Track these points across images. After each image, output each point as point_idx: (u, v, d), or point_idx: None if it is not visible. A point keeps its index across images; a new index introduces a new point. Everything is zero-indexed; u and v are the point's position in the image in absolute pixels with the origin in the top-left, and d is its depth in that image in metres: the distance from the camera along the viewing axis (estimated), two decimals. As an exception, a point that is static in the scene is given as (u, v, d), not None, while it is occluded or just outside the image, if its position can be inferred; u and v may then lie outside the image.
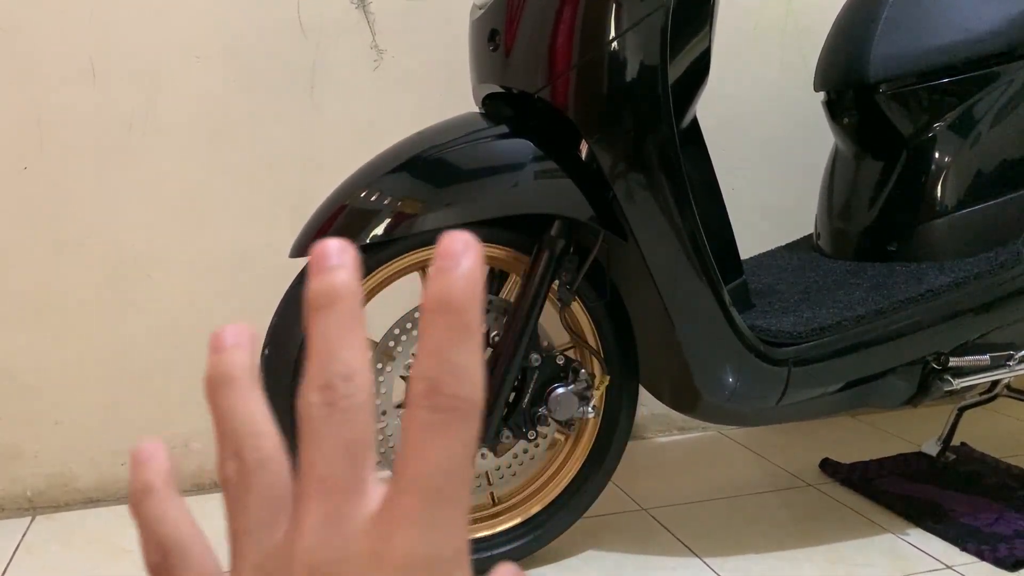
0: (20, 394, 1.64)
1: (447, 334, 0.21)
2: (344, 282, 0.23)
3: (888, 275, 1.45)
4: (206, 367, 0.24)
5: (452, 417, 0.21)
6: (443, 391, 0.21)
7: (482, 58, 1.34)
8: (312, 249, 0.23)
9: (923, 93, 1.49)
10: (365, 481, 0.22)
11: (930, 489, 1.63)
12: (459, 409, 0.21)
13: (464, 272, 0.21)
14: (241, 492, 0.23)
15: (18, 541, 1.54)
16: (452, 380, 0.21)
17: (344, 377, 0.22)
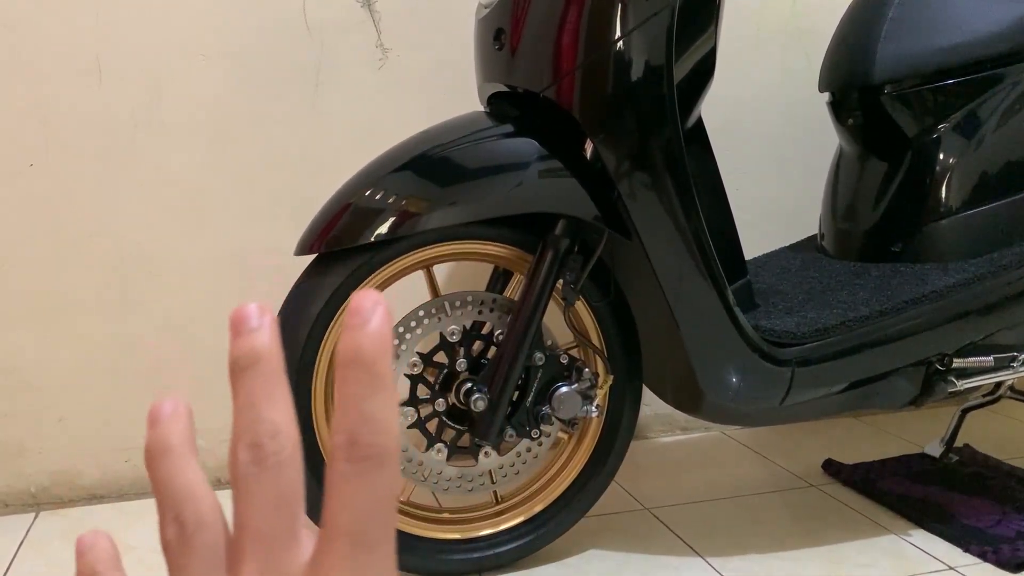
0: (24, 391, 1.65)
1: (360, 387, 0.22)
2: (264, 343, 0.24)
3: (892, 276, 1.45)
4: (145, 439, 0.26)
5: (370, 465, 0.22)
6: (360, 441, 0.22)
7: (487, 57, 1.34)
8: (231, 314, 0.25)
9: (928, 94, 1.49)
10: (297, 532, 0.23)
11: (933, 490, 1.63)
12: (375, 457, 0.22)
13: (373, 328, 0.23)
14: (182, 553, 0.24)
15: (22, 537, 1.55)
16: (367, 431, 0.22)
17: (270, 435, 0.23)
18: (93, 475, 1.70)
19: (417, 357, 1.30)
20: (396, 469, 0.23)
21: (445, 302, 1.30)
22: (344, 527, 0.22)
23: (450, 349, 1.32)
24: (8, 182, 1.59)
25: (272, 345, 0.24)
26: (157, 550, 1.47)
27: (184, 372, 1.71)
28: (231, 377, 0.24)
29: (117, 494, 1.70)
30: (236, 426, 0.24)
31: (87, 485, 1.69)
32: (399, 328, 1.29)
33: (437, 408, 1.32)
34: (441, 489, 1.35)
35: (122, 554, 1.46)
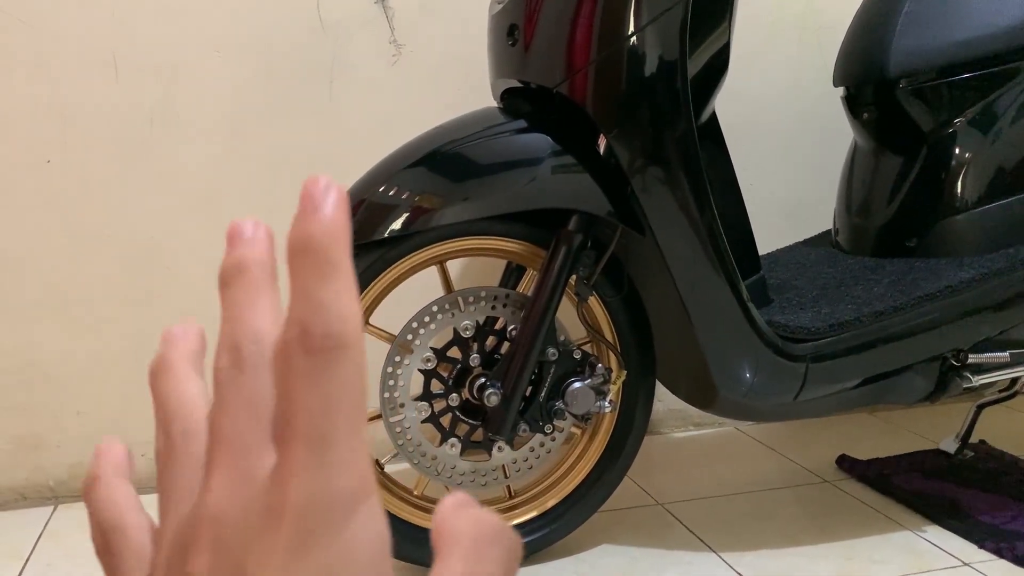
0: (42, 384, 1.66)
1: (313, 274, 0.21)
2: (252, 254, 0.23)
3: (907, 271, 1.44)
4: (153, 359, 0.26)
5: (326, 359, 0.20)
6: (312, 332, 0.20)
7: (501, 53, 1.35)
8: (228, 228, 0.24)
9: (944, 88, 1.48)
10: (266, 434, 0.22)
11: (948, 486, 1.62)
12: (331, 350, 0.20)
13: (326, 212, 0.21)
14: (167, 464, 0.24)
15: (41, 529, 1.56)
16: (321, 320, 0.20)
17: (252, 339, 0.22)
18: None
19: (431, 352, 1.30)
20: (357, 362, 0.21)
21: (459, 298, 1.30)
22: (301, 427, 0.20)
23: (464, 344, 1.32)
24: (26, 178, 1.61)
25: (260, 256, 0.23)
26: (173, 543, 1.48)
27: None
28: (220, 292, 0.23)
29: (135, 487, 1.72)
30: (220, 337, 0.23)
31: (104, 478, 1.71)
32: (412, 323, 1.29)
33: (451, 403, 1.33)
34: (455, 483, 1.35)
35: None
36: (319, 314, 0.20)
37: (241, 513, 0.21)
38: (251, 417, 0.22)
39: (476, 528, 0.22)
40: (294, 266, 0.21)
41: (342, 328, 0.20)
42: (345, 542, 0.20)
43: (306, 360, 0.20)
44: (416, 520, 1.35)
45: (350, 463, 0.20)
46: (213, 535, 0.21)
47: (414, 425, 1.31)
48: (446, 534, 0.22)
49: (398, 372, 1.29)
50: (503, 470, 1.37)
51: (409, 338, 1.29)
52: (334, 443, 0.20)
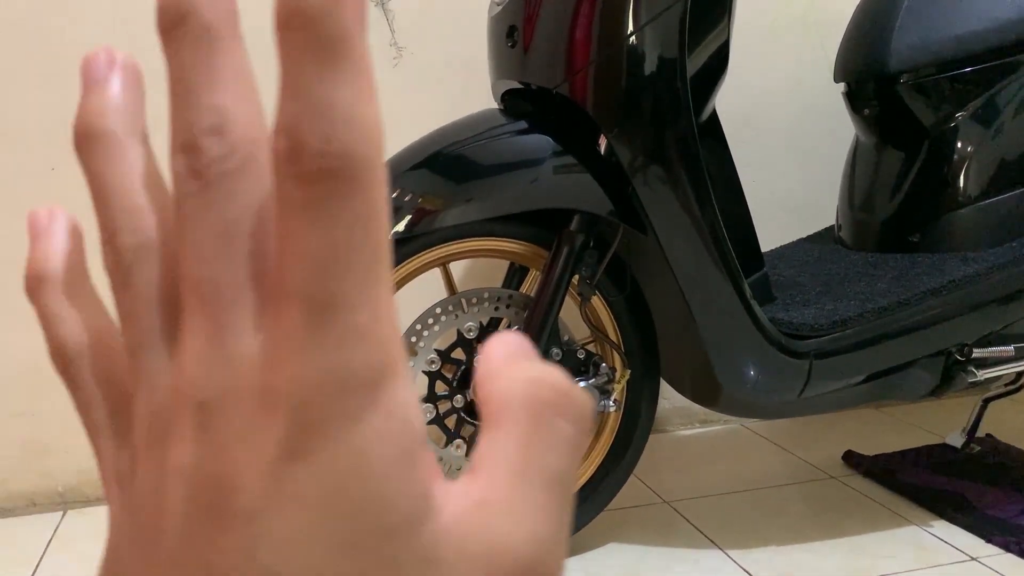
0: (50, 391, 1.67)
1: (309, 58, 0.14)
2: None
3: (910, 266, 1.44)
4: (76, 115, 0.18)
5: (329, 188, 0.15)
6: (308, 148, 0.14)
7: (500, 54, 1.35)
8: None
9: (945, 83, 1.48)
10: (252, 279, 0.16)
11: (955, 481, 1.62)
12: (336, 173, 0.15)
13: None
14: (124, 293, 0.18)
15: (51, 535, 1.57)
16: (320, 129, 0.14)
17: (212, 128, 0.16)
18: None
19: (435, 354, 1.30)
20: (373, 188, 0.15)
21: (462, 299, 1.31)
22: (296, 288, 0.15)
23: (468, 346, 1.33)
24: (32, 185, 1.62)
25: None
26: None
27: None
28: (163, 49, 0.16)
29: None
30: (171, 123, 0.16)
31: (113, 483, 1.72)
32: (416, 325, 1.30)
33: (455, 404, 1.33)
34: (461, 484, 1.36)
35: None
36: (319, 119, 0.14)
37: (227, 394, 0.16)
38: (228, 255, 0.16)
39: (536, 393, 0.17)
40: (283, 46, 0.15)
41: (352, 140, 0.15)
42: (359, 440, 0.15)
43: (300, 189, 0.15)
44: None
45: (366, 332, 0.15)
46: (193, 422, 0.16)
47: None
48: (496, 398, 0.17)
49: (403, 374, 1.30)
50: (509, 470, 1.37)
51: (413, 340, 1.30)
52: (343, 305, 0.15)
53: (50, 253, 0.20)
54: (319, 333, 0.15)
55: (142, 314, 0.18)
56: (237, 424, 0.15)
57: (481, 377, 0.18)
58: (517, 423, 0.17)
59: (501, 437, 0.17)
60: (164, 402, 0.17)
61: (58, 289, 0.20)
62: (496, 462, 0.17)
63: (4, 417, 1.66)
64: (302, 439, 0.15)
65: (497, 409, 0.17)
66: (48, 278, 0.20)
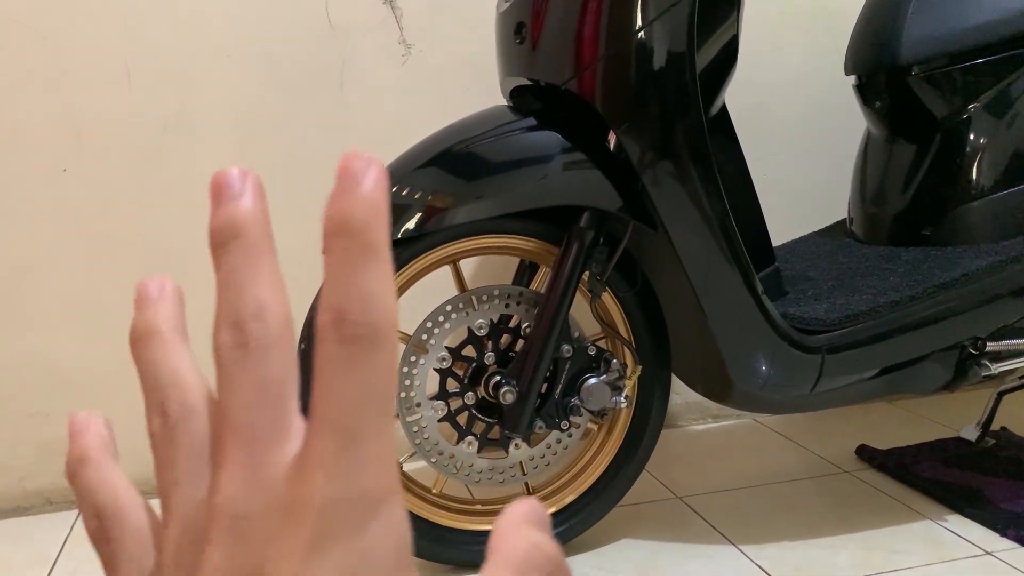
0: (65, 390, 1.69)
1: (349, 258, 0.20)
2: (247, 211, 0.21)
3: (923, 260, 1.43)
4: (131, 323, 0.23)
5: (361, 348, 0.19)
6: (348, 319, 0.19)
7: (509, 51, 1.35)
8: (211, 179, 0.22)
9: (957, 74, 1.47)
10: (285, 424, 0.21)
11: (969, 475, 1.61)
12: (366, 338, 0.19)
13: (366, 191, 0.20)
14: (166, 446, 0.22)
15: (67, 533, 1.58)
16: (358, 307, 0.19)
17: (254, 314, 0.21)
18: (133, 474, 1.72)
19: (446, 351, 1.31)
20: (391, 352, 0.20)
21: (472, 296, 1.31)
22: (329, 419, 0.19)
23: (478, 343, 1.33)
24: (43, 187, 1.63)
25: (256, 213, 0.21)
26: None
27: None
28: (212, 255, 0.21)
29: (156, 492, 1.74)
30: (218, 308, 0.21)
31: (128, 482, 1.73)
32: (427, 323, 1.30)
33: (467, 401, 1.33)
34: (473, 481, 1.36)
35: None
36: (357, 301, 0.19)
37: (258, 507, 0.20)
38: (263, 403, 0.21)
39: (531, 553, 0.21)
40: (330, 247, 0.20)
41: (380, 318, 0.20)
42: (367, 543, 0.19)
43: (340, 348, 0.19)
44: (435, 518, 1.36)
45: (377, 460, 0.20)
46: (228, 530, 0.20)
47: (431, 424, 1.32)
48: (502, 547, 0.21)
49: (414, 372, 1.30)
50: (520, 467, 1.38)
51: (424, 338, 1.30)
52: (363, 437, 0.19)
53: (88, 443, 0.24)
54: (346, 456, 0.19)
55: (181, 459, 0.22)
56: (269, 530, 0.20)
57: (496, 530, 0.22)
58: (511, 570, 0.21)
59: None
60: (197, 520, 0.21)
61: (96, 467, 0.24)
62: None
63: (21, 417, 1.67)
64: (324, 539, 0.19)
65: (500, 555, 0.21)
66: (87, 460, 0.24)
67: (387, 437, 0.20)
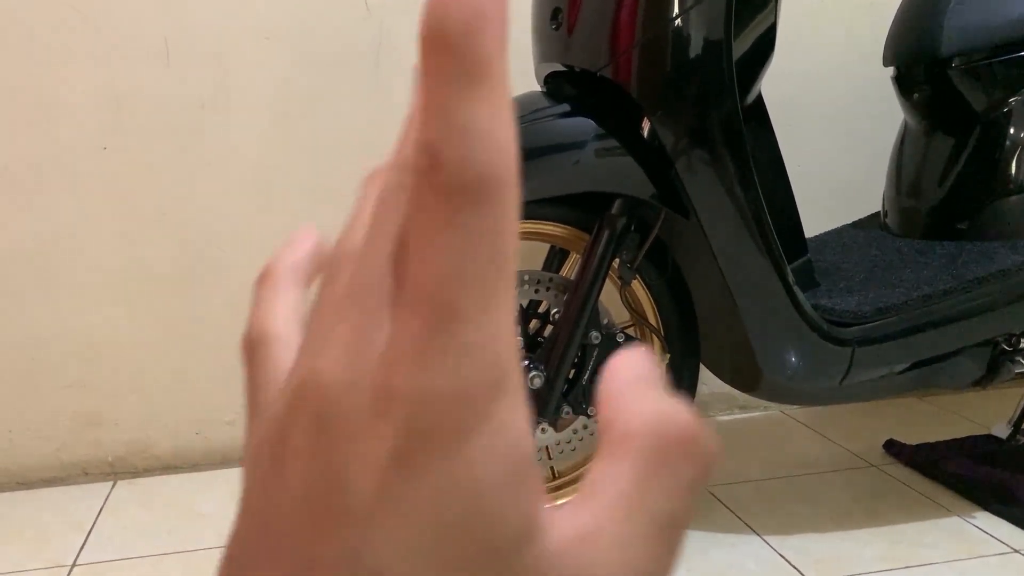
0: (101, 363, 1.72)
1: (451, 81, 0.15)
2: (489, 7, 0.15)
3: (958, 254, 1.42)
4: None
5: (463, 201, 0.15)
6: (448, 163, 0.15)
7: (544, 36, 1.35)
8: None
9: (997, 67, 1.45)
10: None
11: (999, 472, 1.60)
12: (473, 189, 0.15)
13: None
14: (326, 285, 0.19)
15: (102, 503, 1.62)
16: (461, 147, 0.15)
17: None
18: (166, 446, 1.76)
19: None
20: (507, 210, 0.15)
21: (503, 280, 1.31)
22: (421, 288, 0.15)
23: (508, 327, 1.34)
24: (84, 164, 1.66)
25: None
26: (229, 518, 1.53)
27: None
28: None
29: (190, 464, 1.77)
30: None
31: (161, 455, 1.76)
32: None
33: (495, 385, 1.34)
34: (499, 464, 1.37)
35: (195, 522, 1.52)
36: (459, 139, 0.15)
37: (350, 390, 0.16)
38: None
39: (663, 430, 0.17)
40: (426, 66, 0.15)
41: (489, 160, 0.15)
42: (468, 455, 0.15)
43: (437, 201, 0.15)
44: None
45: (485, 345, 0.15)
46: (315, 411, 0.16)
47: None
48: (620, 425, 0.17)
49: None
50: (547, 451, 1.39)
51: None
52: (466, 316, 0.15)
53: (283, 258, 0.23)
54: (440, 342, 0.15)
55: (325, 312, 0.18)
56: (353, 423, 0.16)
57: (605, 396, 0.17)
58: (638, 458, 0.17)
59: (618, 468, 0.17)
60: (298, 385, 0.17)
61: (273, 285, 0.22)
62: (609, 494, 0.16)
63: (57, 388, 1.71)
64: (413, 449, 0.15)
65: (619, 438, 0.17)
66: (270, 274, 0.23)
67: (498, 319, 0.15)
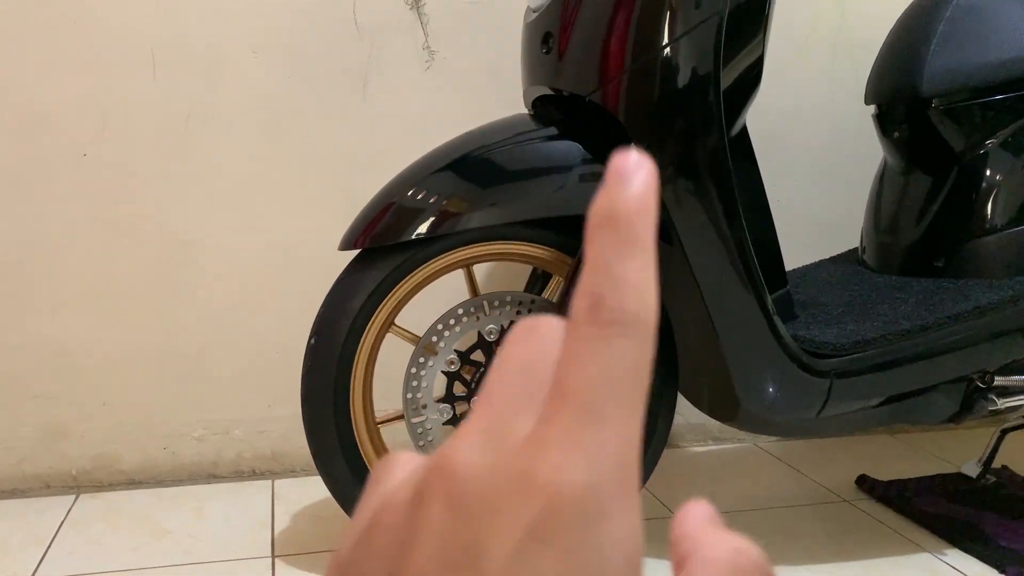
0: (70, 373, 1.69)
1: (614, 247, 0.19)
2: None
3: (935, 291, 1.44)
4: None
5: (615, 332, 0.19)
6: (607, 304, 0.19)
7: (534, 60, 1.36)
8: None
9: (976, 109, 1.48)
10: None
11: (969, 511, 1.61)
12: (621, 323, 0.19)
13: (635, 186, 0.20)
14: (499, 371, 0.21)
15: (63, 518, 1.58)
16: (618, 294, 0.19)
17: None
18: (133, 460, 1.73)
19: (455, 355, 1.31)
20: (646, 344, 0.19)
21: (484, 301, 1.31)
22: (572, 392, 0.18)
23: (488, 348, 1.33)
24: (62, 170, 1.63)
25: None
26: (194, 535, 1.50)
27: (226, 362, 1.74)
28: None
29: (156, 480, 1.74)
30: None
31: (127, 470, 1.73)
32: (438, 326, 1.30)
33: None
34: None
35: (160, 538, 1.49)
36: (616, 287, 0.19)
37: (488, 473, 0.18)
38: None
39: (737, 560, 0.20)
40: (595, 237, 0.20)
41: (638, 305, 0.19)
42: (596, 540, 0.17)
43: (592, 330, 0.19)
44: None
45: (617, 448, 0.18)
46: (448, 489, 0.18)
47: (436, 427, 1.32)
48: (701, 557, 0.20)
49: (422, 373, 1.30)
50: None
51: (434, 340, 1.30)
52: (605, 420, 0.18)
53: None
54: (581, 438, 0.18)
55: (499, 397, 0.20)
56: (492, 499, 0.18)
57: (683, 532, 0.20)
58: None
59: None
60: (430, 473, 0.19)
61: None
62: None
63: (23, 399, 1.67)
64: (552, 524, 0.17)
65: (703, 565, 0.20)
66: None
67: (631, 426, 0.18)
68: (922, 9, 1.55)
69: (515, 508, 0.17)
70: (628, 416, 0.18)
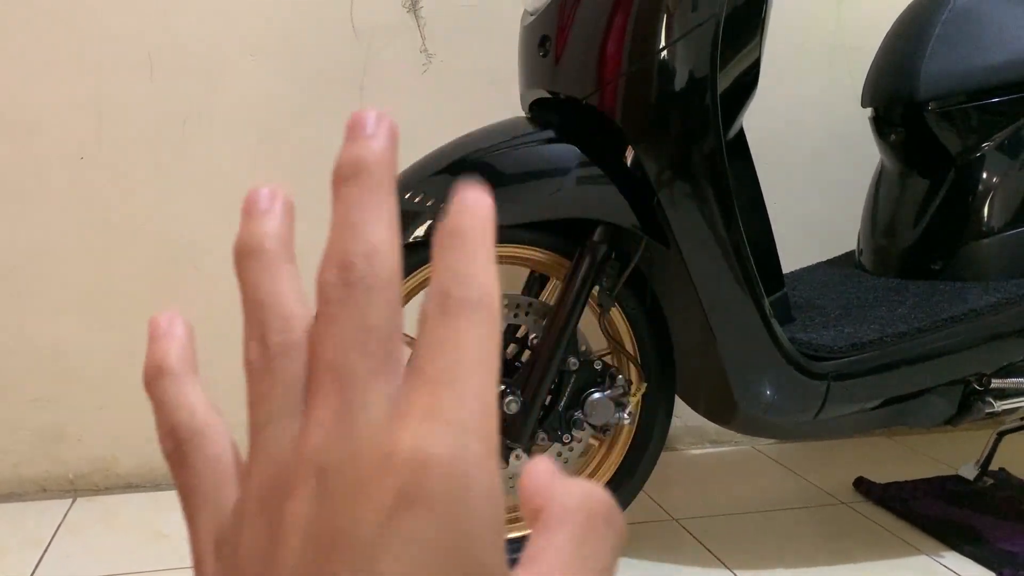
0: (67, 377, 1.68)
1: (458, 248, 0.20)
2: (373, 151, 0.21)
3: (931, 294, 1.44)
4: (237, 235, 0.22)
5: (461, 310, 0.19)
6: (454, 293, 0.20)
7: (531, 63, 1.36)
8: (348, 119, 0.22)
9: (973, 112, 1.48)
10: (383, 371, 0.20)
11: (966, 513, 1.61)
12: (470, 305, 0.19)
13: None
14: (263, 379, 0.21)
15: (59, 521, 1.58)
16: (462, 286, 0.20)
17: (365, 254, 0.20)
18: (130, 464, 1.73)
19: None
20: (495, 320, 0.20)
21: (482, 304, 1.31)
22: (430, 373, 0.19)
23: (485, 351, 1.33)
24: (59, 173, 1.63)
25: (384, 154, 0.21)
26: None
27: (223, 366, 1.73)
28: (332, 189, 0.21)
29: (152, 484, 1.73)
30: (328, 246, 0.21)
31: (124, 474, 1.72)
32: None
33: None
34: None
35: (157, 542, 1.49)
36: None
37: (346, 456, 0.19)
38: (362, 345, 0.20)
39: (588, 504, 0.20)
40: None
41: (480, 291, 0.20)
42: (459, 507, 0.18)
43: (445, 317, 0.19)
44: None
45: (477, 419, 0.19)
46: (316, 480, 0.19)
47: None
48: (551, 507, 0.20)
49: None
50: (520, 478, 1.37)
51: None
52: (464, 394, 0.19)
53: (168, 351, 0.23)
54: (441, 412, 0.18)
55: (276, 395, 0.20)
56: (355, 483, 0.18)
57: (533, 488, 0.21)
58: (573, 526, 0.20)
59: (557, 539, 0.19)
60: (284, 467, 0.20)
61: (174, 380, 0.22)
62: (551, 557, 0.19)
63: (21, 403, 1.67)
64: (419, 490, 0.18)
65: (556, 513, 0.20)
66: (165, 371, 0.22)
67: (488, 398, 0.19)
68: (918, 12, 1.55)
69: (381, 486, 0.18)
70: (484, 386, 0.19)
